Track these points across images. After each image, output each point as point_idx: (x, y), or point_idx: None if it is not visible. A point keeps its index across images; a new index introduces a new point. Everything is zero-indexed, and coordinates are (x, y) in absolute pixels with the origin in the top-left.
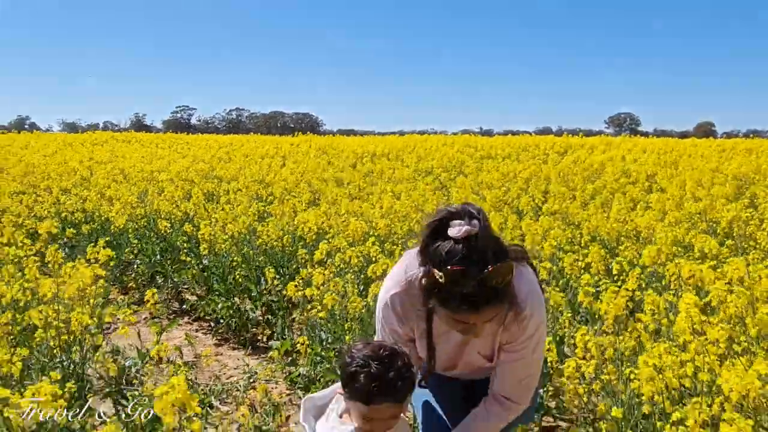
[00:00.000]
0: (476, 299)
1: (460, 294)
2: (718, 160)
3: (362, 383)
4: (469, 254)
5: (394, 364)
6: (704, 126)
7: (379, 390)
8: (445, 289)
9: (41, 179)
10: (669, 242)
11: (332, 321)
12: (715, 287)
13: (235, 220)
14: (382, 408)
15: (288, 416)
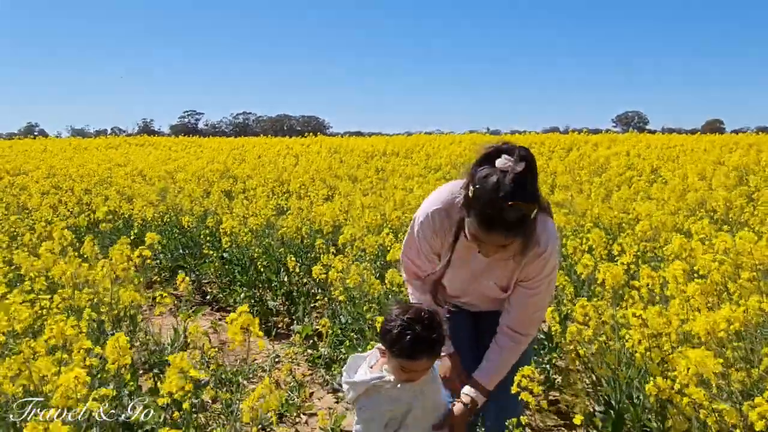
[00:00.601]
0: (494, 223)
1: (486, 214)
2: (719, 153)
3: (407, 343)
4: (505, 185)
5: (434, 325)
6: (713, 123)
7: (422, 348)
8: (476, 207)
9: (63, 180)
10: (665, 222)
11: (351, 304)
12: (703, 257)
13: (256, 214)
14: (422, 362)
15: (311, 393)
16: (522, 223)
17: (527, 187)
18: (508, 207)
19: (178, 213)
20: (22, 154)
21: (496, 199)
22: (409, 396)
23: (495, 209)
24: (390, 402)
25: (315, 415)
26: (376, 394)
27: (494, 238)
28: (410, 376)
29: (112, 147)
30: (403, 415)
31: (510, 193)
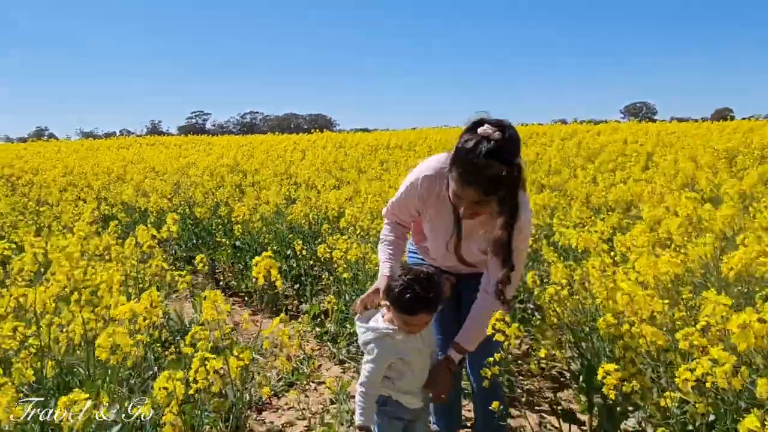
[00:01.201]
0: (470, 180)
1: (463, 171)
2: (711, 138)
3: (407, 300)
4: (482, 146)
5: (431, 285)
6: (722, 112)
7: (420, 305)
8: (456, 165)
9: (79, 179)
10: (641, 193)
11: (355, 281)
12: (666, 221)
13: (267, 202)
14: (421, 317)
15: (319, 365)
16: (496, 182)
17: (503, 151)
18: (483, 165)
19: (191, 205)
20: (37, 155)
21: (473, 158)
22: (410, 349)
23: (471, 166)
24: (394, 352)
25: (323, 383)
26: (385, 341)
27: (470, 194)
28: (411, 329)
29: (123, 147)
30: (402, 366)
31: (486, 153)
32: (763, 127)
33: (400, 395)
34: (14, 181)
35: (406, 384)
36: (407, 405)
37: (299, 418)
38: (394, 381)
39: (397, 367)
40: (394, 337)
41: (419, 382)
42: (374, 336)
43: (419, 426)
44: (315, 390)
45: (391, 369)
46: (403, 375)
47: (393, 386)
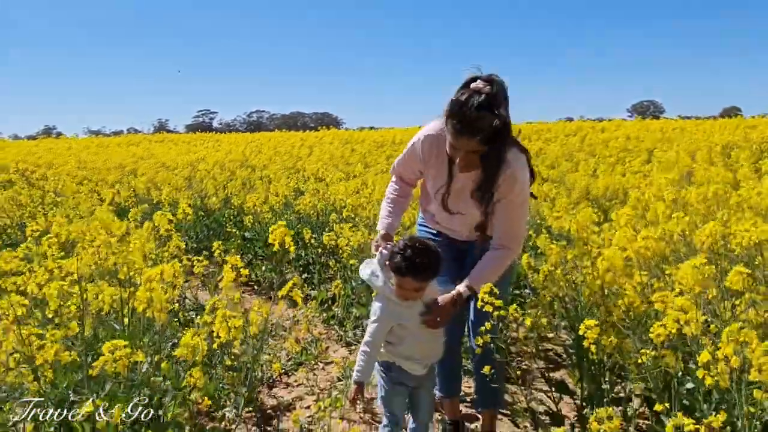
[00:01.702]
0: (463, 129)
1: (457, 121)
2: (712, 134)
3: (398, 261)
4: (473, 99)
5: (424, 254)
6: (730, 111)
7: (407, 269)
8: (450, 117)
9: (93, 173)
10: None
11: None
12: (654, 205)
13: (276, 194)
14: (408, 281)
15: (327, 347)
16: (488, 132)
17: (492, 104)
18: (475, 117)
19: (203, 198)
20: (49, 151)
21: (466, 110)
22: (410, 315)
23: (465, 118)
24: (395, 316)
25: (331, 363)
26: (388, 305)
27: (463, 143)
28: (403, 292)
29: (133, 144)
30: (401, 332)
31: (477, 105)
32: (764, 123)
33: (402, 361)
34: (28, 175)
35: (407, 349)
36: (410, 371)
37: (308, 393)
38: (396, 346)
39: (397, 332)
40: (395, 303)
41: (420, 349)
42: (380, 298)
43: (423, 393)
44: (323, 369)
45: (392, 334)
46: (403, 340)
47: (395, 351)
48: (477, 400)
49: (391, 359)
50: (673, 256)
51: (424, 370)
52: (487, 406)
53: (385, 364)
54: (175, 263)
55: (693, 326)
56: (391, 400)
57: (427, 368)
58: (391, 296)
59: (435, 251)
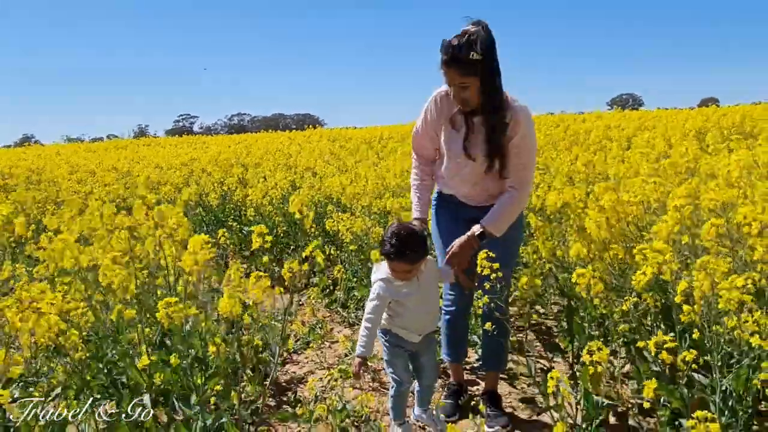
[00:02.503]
0: (450, 61)
1: (445, 55)
2: (687, 120)
3: (386, 249)
4: (462, 39)
5: (408, 240)
6: (708, 101)
7: (396, 255)
8: (443, 52)
9: (87, 176)
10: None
11: (360, 252)
12: (631, 180)
13: (276, 187)
14: (398, 264)
15: (331, 328)
16: (473, 64)
17: (477, 42)
18: (460, 51)
19: (203, 195)
20: (38, 157)
21: (455, 46)
22: (405, 293)
23: (452, 51)
24: (392, 293)
25: (336, 342)
26: (384, 284)
27: (453, 75)
28: (395, 274)
29: (120, 147)
30: (397, 307)
31: (459, 41)
32: (733, 111)
33: (399, 329)
34: (23, 179)
35: (403, 322)
36: (405, 338)
37: (318, 368)
38: (394, 318)
39: (395, 307)
40: (392, 282)
41: (415, 322)
42: (380, 277)
43: (425, 359)
44: (329, 347)
45: (390, 308)
46: (399, 314)
47: (393, 323)
48: (483, 362)
49: (388, 327)
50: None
51: (419, 338)
52: (491, 367)
53: (383, 330)
54: (202, 235)
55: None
56: (393, 363)
57: (422, 337)
58: (389, 276)
59: (418, 235)
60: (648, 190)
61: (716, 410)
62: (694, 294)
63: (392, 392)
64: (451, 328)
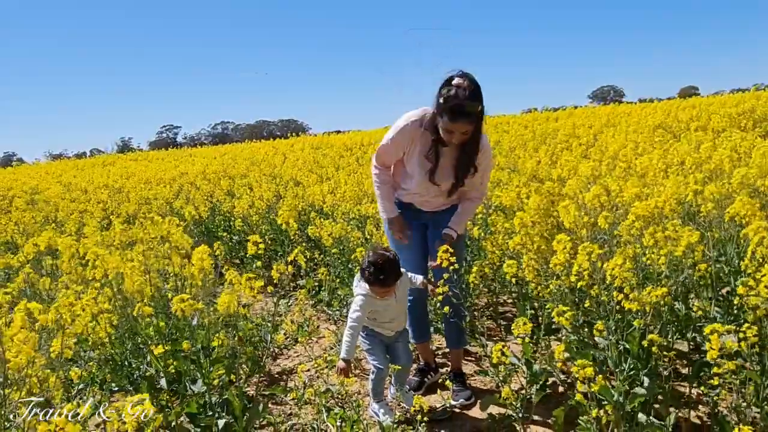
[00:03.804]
0: (460, 115)
1: (454, 109)
2: (650, 115)
3: (366, 276)
4: (463, 91)
5: (385, 268)
6: (687, 90)
7: (375, 282)
8: (447, 107)
9: (80, 194)
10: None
11: (341, 254)
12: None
13: (261, 198)
14: (377, 289)
15: (318, 326)
16: (476, 116)
17: (477, 94)
18: (467, 103)
19: (193, 209)
20: (30, 177)
21: (460, 100)
22: (381, 305)
23: (460, 105)
24: (370, 305)
25: (322, 338)
26: (366, 299)
27: (459, 126)
28: (378, 294)
29: (108, 164)
30: (375, 315)
31: (468, 95)
32: (695, 103)
33: (376, 327)
34: (16, 201)
35: (379, 324)
36: (382, 332)
37: (306, 360)
38: (371, 321)
39: (373, 315)
40: (372, 297)
41: (388, 323)
42: (361, 292)
43: (399, 346)
44: (316, 342)
45: (370, 314)
46: (377, 319)
47: (373, 323)
48: (447, 341)
49: (369, 326)
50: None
51: (392, 333)
52: (453, 345)
53: (365, 328)
54: (204, 246)
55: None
56: (373, 351)
57: (395, 332)
58: (369, 293)
59: (392, 261)
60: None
61: (612, 365)
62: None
63: (372, 376)
64: (411, 314)
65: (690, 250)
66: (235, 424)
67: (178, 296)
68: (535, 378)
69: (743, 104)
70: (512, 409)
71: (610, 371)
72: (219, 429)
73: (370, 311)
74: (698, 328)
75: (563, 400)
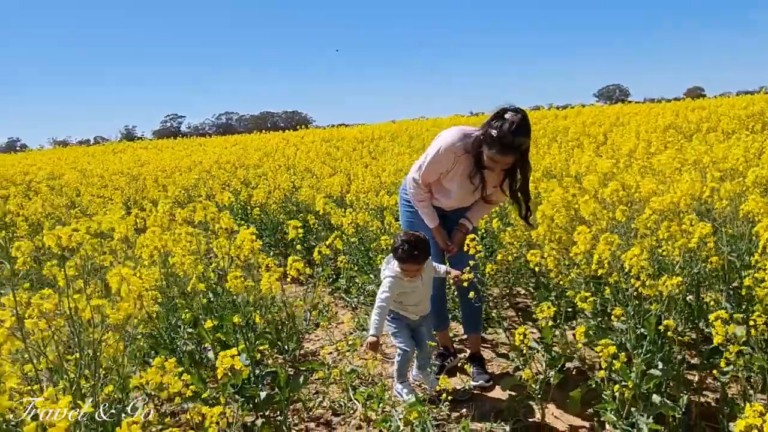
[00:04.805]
0: (510, 149)
1: (506, 144)
2: (660, 116)
3: (399, 254)
4: (516, 127)
5: (417, 246)
6: (693, 91)
7: (408, 257)
8: (497, 141)
9: (97, 180)
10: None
11: (360, 244)
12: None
13: (278, 188)
14: (409, 266)
15: (336, 312)
16: (524, 149)
17: (526, 130)
18: (514, 139)
19: (210, 196)
20: (44, 162)
21: (513, 137)
22: (409, 287)
23: (508, 142)
24: (399, 287)
25: (341, 323)
26: (395, 280)
27: (507, 159)
28: (405, 273)
29: (119, 152)
30: (402, 297)
31: (521, 131)
32: (704, 105)
33: (402, 311)
34: (35, 185)
35: (405, 308)
36: (407, 316)
37: (328, 344)
38: (398, 303)
39: (399, 298)
40: (400, 278)
41: (416, 307)
42: (390, 274)
43: (423, 331)
44: (336, 327)
45: (397, 296)
46: (403, 302)
47: (399, 306)
48: (464, 326)
49: (396, 309)
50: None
51: (417, 317)
52: (472, 330)
53: (391, 312)
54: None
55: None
56: (399, 334)
57: (419, 317)
58: (398, 275)
59: (424, 240)
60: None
61: (630, 347)
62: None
63: (398, 358)
64: (432, 304)
65: (703, 242)
66: (277, 395)
67: (232, 273)
68: (555, 362)
69: (752, 107)
70: (531, 391)
71: (627, 354)
72: (261, 399)
73: (397, 293)
74: (708, 318)
75: (578, 383)
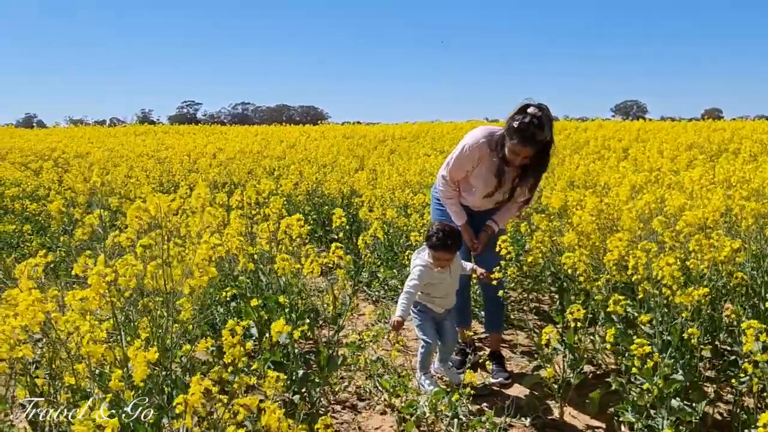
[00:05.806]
0: (530, 141)
1: (527, 136)
2: (681, 135)
3: (433, 242)
4: (537, 120)
5: (450, 235)
6: (711, 112)
7: (441, 246)
8: (519, 132)
9: (122, 161)
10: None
11: (387, 238)
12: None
13: (306, 180)
14: (442, 254)
15: (357, 304)
16: (543, 142)
17: (546, 123)
18: (536, 133)
19: (236, 184)
20: (72, 140)
21: (532, 128)
22: (438, 278)
23: (530, 134)
24: (428, 276)
25: (363, 315)
26: (425, 268)
27: (526, 150)
28: (437, 262)
29: (140, 134)
30: (430, 289)
31: (538, 124)
32: (723, 127)
33: (428, 303)
34: (62, 164)
35: (431, 300)
36: (433, 309)
37: (351, 334)
38: (425, 295)
39: (427, 289)
40: (430, 268)
41: (442, 299)
42: (420, 263)
43: (447, 325)
44: (357, 318)
45: (425, 287)
46: (430, 293)
47: (424, 298)
48: (486, 325)
49: (422, 301)
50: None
51: (442, 311)
52: (494, 328)
53: (417, 304)
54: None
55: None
56: (423, 326)
57: (445, 310)
58: (429, 264)
59: (456, 231)
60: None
61: (656, 351)
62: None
63: (422, 350)
64: (457, 301)
65: (732, 258)
66: (313, 374)
67: (280, 255)
68: (577, 363)
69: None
70: (551, 389)
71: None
72: (298, 377)
73: (425, 284)
74: (730, 330)
75: (594, 387)
